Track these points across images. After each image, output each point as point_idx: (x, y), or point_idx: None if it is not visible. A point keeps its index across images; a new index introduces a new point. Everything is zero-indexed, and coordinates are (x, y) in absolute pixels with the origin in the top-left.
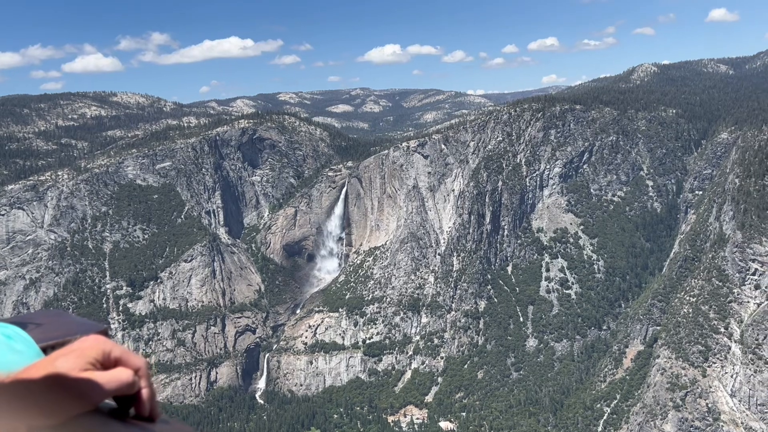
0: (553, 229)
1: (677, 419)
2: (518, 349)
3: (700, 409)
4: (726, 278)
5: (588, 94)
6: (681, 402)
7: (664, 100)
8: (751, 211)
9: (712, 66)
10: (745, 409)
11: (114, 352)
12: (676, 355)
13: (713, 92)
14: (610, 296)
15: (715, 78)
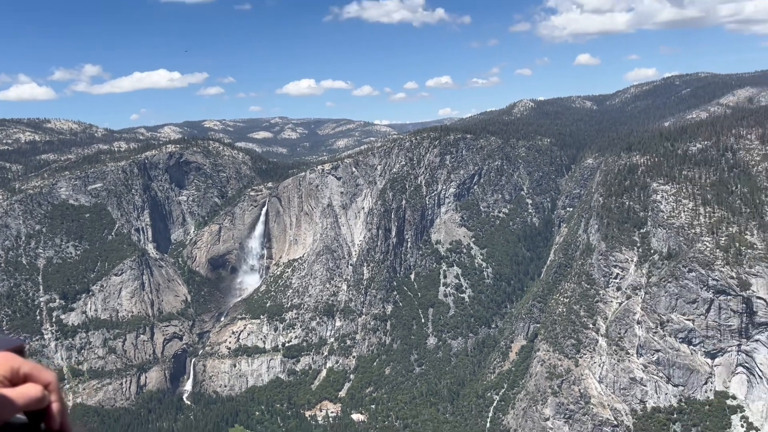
0: (449, 241)
1: (555, 403)
2: (420, 347)
3: (574, 394)
4: (593, 281)
5: (477, 125)
6: (558, 388)
7: (540, 130)
8: (613, 224)
9: (579, 102)
10: (611, 393)
11: (23, 368)
12: (553, 349)
13: (580, 124)
14: (497, 299)
15: (581, 112)
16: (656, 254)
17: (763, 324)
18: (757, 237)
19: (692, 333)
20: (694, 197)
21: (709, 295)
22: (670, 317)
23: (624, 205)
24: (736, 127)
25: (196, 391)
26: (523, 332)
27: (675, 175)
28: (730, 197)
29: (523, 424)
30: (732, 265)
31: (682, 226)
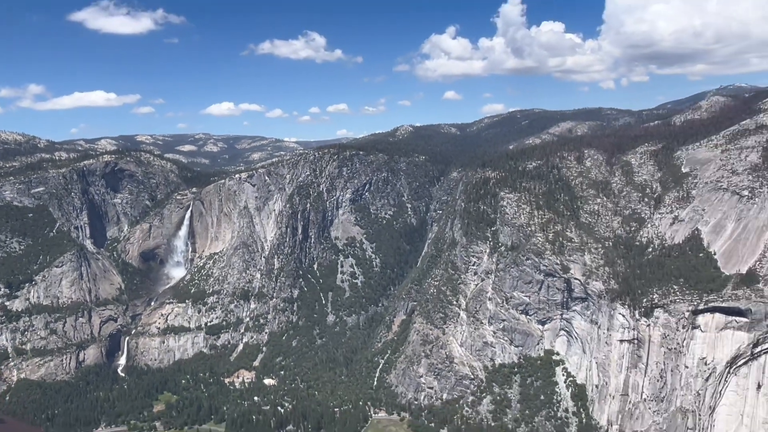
0: (345, 237)
1: (427, 364)
2: (321, 323)
3: (441, 356)
4: (456, 268)
5: (368, 144)
6: (429, 352)
7: (417, 149)
8: (471, 224)
9: (446, 128)
10: (469, 354)
11: None
12: (426, 321)
13: (447, 146)
14: (383, 283)
15: (448, 136)
16: (503, 246)
17: (578, 298)
18: (574, 233)
19: (528, 306)
20: (530, 203)
21: (541, 277)
22: (513, 294)
23: (479, 209)
24: (560, 150)
25: (129, 365)
26: (403, 309)
27: (517, 186)
28: (556, 203)
29: (403, 380)
30: (557, 255)
31: (521, 225)
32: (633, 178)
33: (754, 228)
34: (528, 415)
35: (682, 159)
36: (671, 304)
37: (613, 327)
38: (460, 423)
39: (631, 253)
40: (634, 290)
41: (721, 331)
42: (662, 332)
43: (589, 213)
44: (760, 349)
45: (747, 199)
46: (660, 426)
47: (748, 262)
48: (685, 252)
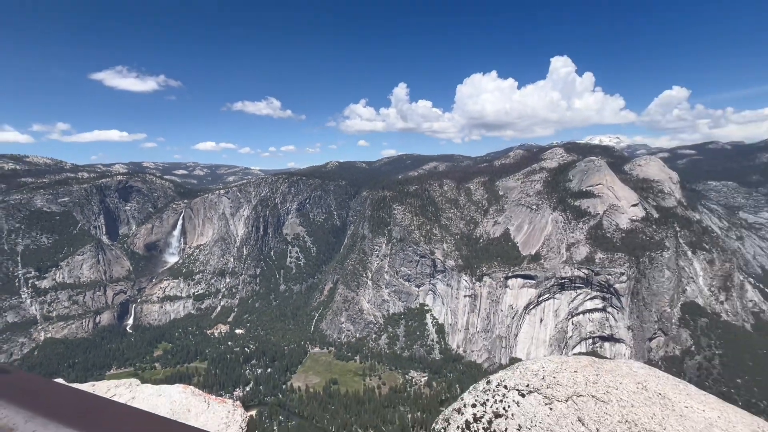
0: (292, 234)
1: (346, 315)
2: (276, 291)
3: (356, 309)
4: (365, 253)
5: (308, 173)
6: (348, 308)
7: (341, 177)
8: (375, 225)
9: (360, 164)
10: (373, 308)
11: None
12: (346, 287)
13: (360, 175)
14: (318, 263)
15: (361, 169)
16: (394, 239)
17: (440, 271)
18: (437, 231)
19: (410, 276)
20: (411, 212)
21: (417, 258)
22: (401, 269)
23: (380, 216)
24: (429, 180)
25: (135, 324)
26: (331, 280)
27: (403, 201)
28: (427, 212)
29: (330, 326)
30: (427, 244)
31: (406, 226)
32: (471, 197)
33: (538, 228)
34: (409, 344)
35: (499, 187)
36: (493, 273)
37: (460, 288)
38: (367, 351)
39: (471, 242)
40: (472, 265)
41: (521, 289)
42: (488, 290)
43: (446, 218)
44: (541, 299)
45: (534, 211)
46: (487, 346)
47: (535, 247)
48: (501, 242)
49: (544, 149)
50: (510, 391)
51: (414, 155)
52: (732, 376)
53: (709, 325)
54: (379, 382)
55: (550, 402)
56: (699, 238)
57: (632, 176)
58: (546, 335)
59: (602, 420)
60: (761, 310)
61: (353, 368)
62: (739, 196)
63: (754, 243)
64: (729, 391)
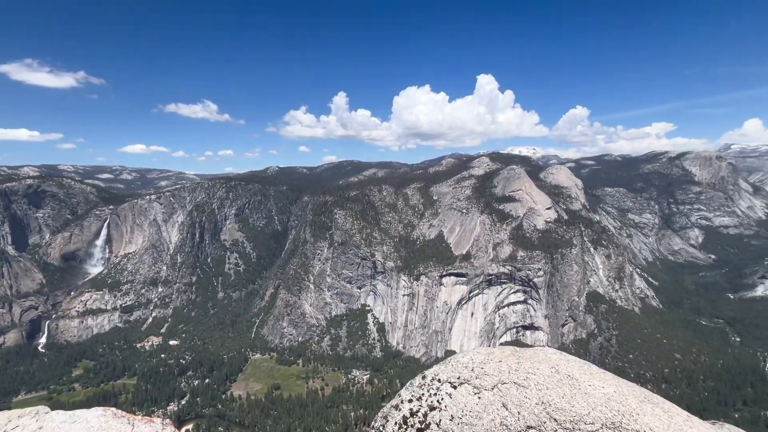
0: (231, 239)
1: (288, 319)
2: (213, 299)
3: (298, 313)
4: (307, 257)
5: (248, 177)
6: (290, 312)
7: (282, 182)
8: (317, 229)
9: (301, 169)
10: (315, 311)
11: None
12: (288, 292)
13: (301, 180)
14: (258, 269)
15: (302, 174)
16: (336, 243)
17: (380, 272)
18: (377, 234)
19: (352, 278)
20: (352, 216)
21: (359, 260)
22: (342, 272)
23: (321, 220)
24: (369, 185)
25: (49, 343)
26: (272, 285)
27: (344, 206)
28: (367, 216)
29: (272, 332)
30: (368, 247)
31: (347, 230)
32: (409, 202)
33: (468, 229)
34: (351, 345)
35: (433, 192)
36: (429, 272)
37: (399, 287)
38: (310, 354)
39: (408, 244)
40: (410, 266)
41: (454, 286)
42: (425, 288)
43: (386, 222)
44: (471, 294)
45: (465, 214)
46: (424, 341)
47: (466, 247)
48: (436, 243)
49: (472, 158)
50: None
51: (354, 162)
52: (626, 353)
53: (607, 311)
54: (322, 384)
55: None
56: (599, 236)
57: (546, 183)
58: (477, 327)
59: (523, 403)
60: (646, 295)
61: (296, 372)
62: (628, 200)
63: (640, 239)
64: (624, 365)
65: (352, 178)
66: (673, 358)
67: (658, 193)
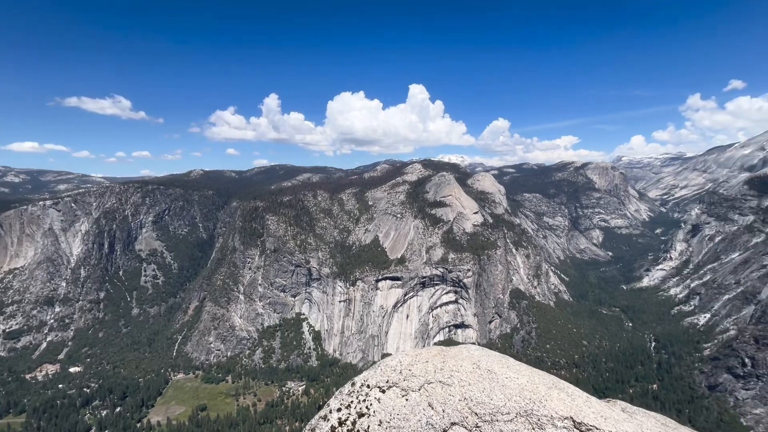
0: (148, 249)
1: (215, 334)
2: (127, 316)
3: (226, 326)
4: (236, 266)
5: (168, 181)
6: (217, 325)
7: (207, 186)
8: (247, 236)
9: (229, 173)
10: (246, 322)
11: None
12: (215, 304)
13: (229, 185)
14: (181, 281)
15: (230, 178)
16: (268, 250)
17: (316, 279)
18: (312, 240)
19: (285, 287)
20: (285, 222)
21: (293, 267)
22: (275, 280)
23: (252, 226)
24: (303, 190)
25: None
26: (197, 298)
27: (277, 211)
28: (301, 222)
29: (197, 348)
30: (302, 253)
31: (280, 236)
32: (344, 207)
33: (403, 234)
34: (286, 355)
35: (369, 197)
36: (365, 277)
37: (336, 293)
38: (240, 369)
39: (344, 249)
40: (346, 271)
41: (390, 290)
42: (361, 293)
43: (321, 227)
44: (407, 297)
45: (399, 219)
46: (361, 347)
47: (401, 251)
48: (372, 248)
49: (406, 164)
50: (372, 389)
51: (287, 166)
52: (544, 343)
53: (528, 306)
54: (254, 400)
55: (406, 393)
56: (520, 238)
57: (473, 189)
58: (412, 329)
59: (447, 401)
60: (559, 290)
61: (225, 390)
62: (543, 204)
63: (553, 240)
64: (542, 354)
65: (285, 182)
66: (581, 345)
67: (567, 199)
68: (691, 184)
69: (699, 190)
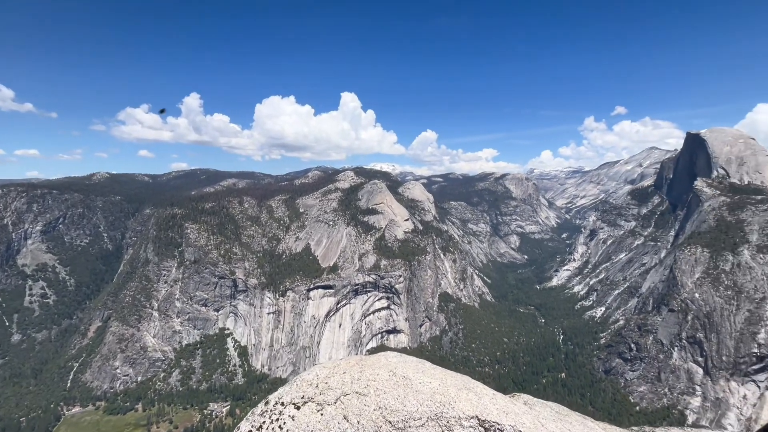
0: (36, 264)
1: (122, 357)
2: (5, 344)
3: (136, 348)
4: (150, 280)
5: (63, 185)
6: (125, 347)
7: (114, 191)
8: (162, 246)
9: (141, 177)
10: (161, 342)
11: None
12: (122, 323)
13: (141, 189)
14: (78, 299)
15: (142, 183)
16: (188, 261)
17: (242, 290)
18: (238, 249)
19: (207, 300)
20: (207, 231)
21: (216, 279)
22: (196, 294)
23: (168, 236)
24: (228, 197)
25: None
26: (99, 317)
27: (198, 219)
28: (226, 230)
29: (99, 375)
30: (227, 264)
31: (202, 246)
32: (273, 214)
33: (335, 241)
34: (208, 375)
35: (300, 204)
36: (296, 287)
37: (264, 305)
38: (153, 395)
39: (273, 259)
40: (275, 281)
41: (322, 299)
42: (292, 304)
43: (248, 236)
44: (339, 305)
45: (332, 226)
46: (292, 360)
47: (333, 259)
48: (303, 256)
49: (338, 171)
50: (287, 406)
51: (210, 170)
52: (470, 343)
53: (455, 308)
54: (169, 427)
55: (321, 408)
56: (447, 244)
57: (404, 197)
58: (344, 338)
59: (362, 412)
60: (483, 292)
61: (133, 420)
62: (467, 212)
63: (477, 245)
64: (468, 354)
65: (207, 188)
66: (502, 342)
67: (489, 206)
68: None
69: (594, 199)
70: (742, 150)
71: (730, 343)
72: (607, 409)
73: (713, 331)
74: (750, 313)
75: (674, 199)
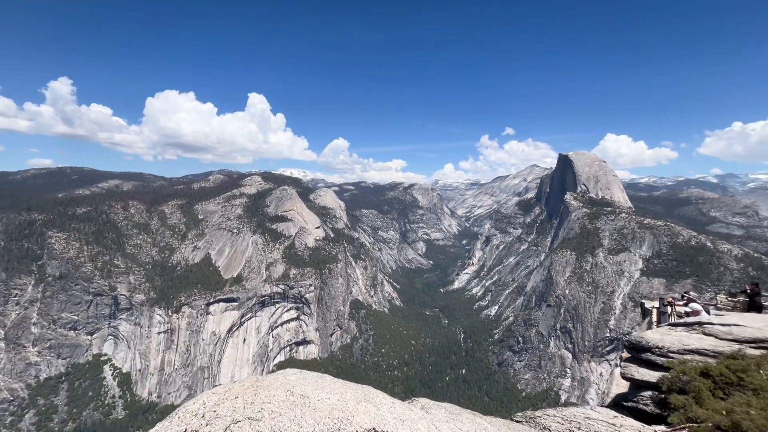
0: None
1: None
2: None
3: None
4: None
5: None
6: None
7: None
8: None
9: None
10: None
11: None
12: None
13: None
14: None
15: None
16: (50, 277)
17: (124, 309)
18: (121, 261)
19: (77, 323)
20: (80, 240)
21: (90, 297)
22: (61, 316)
23: (24, 247)
24: (109, 200)
25: None
26: None
27: (66, 226)
28: (105, 239)
29: None
30: (105, 278)
31: (72, 258)
32: (167, 221)
33: (240, 250)
34: (76, 413)
35: (199, 210)
36: (193, 301)
37: (153, 324)
38: None
39: (166, 271)
40: (168, 296)
41: (224, 313)
42: (188, 321)
43: (133, 246)
44: (244, 319)
45: (236, 234)
46: (187, 383)
47: (237, 270)
48: (202, 268)
49: (244, 176)
50: None
51: (85, 169)
52: (380, 348)
53: (366, 315)
54: None
55: None
56: (358, 251)
57: (315, 204)
58: (249, 354)
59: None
60: (392, 297)
61: None
62: (378, 220)
63: (387, 252)
64: (379, 359)
65: (80, 190)
66: (410, 345)
67: (398, 215)
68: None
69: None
70: (597, 170)
71: (590, 330)
72: (500, 398)
73: (579, 321)
74: (604, 304)
75: (551, 209)
